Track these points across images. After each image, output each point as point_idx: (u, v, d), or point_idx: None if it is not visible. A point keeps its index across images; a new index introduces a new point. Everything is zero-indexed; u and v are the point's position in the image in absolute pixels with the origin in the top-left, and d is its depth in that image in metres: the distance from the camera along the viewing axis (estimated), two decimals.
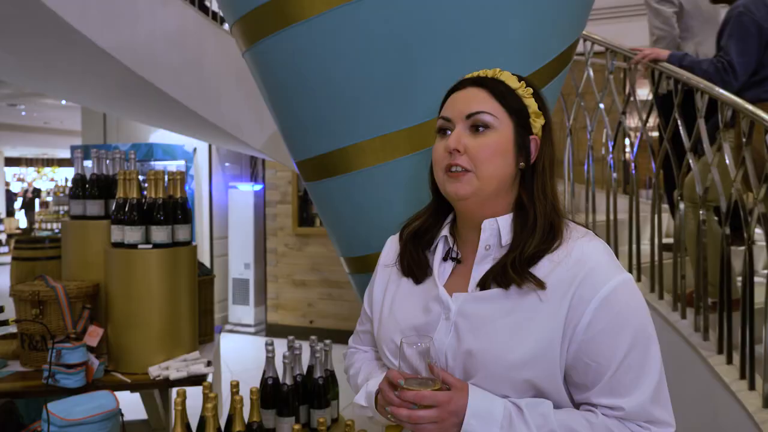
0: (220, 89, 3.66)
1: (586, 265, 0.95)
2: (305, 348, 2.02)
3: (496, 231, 1.02)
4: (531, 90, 1.03)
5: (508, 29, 1.34)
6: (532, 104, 1.02)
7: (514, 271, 0.96)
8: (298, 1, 1.31)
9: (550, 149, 1.02)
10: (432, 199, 1.11)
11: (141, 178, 2.16)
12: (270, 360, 1.93)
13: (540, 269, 0.96)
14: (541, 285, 0.94)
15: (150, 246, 2.05)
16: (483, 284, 1.00)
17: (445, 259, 1.08)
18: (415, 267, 1.09)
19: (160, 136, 6.40)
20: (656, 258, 2.66)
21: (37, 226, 12.74)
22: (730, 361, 2.27)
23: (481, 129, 0.99)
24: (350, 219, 1.56)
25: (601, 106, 2.95)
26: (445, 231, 1.09)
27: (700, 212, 2.45)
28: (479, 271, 1.02)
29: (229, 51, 3.10)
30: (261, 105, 1.72)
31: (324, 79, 1.39)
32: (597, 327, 0.93)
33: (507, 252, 1.00)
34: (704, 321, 2.40)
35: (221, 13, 1.68)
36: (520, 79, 1.04)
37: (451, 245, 1.08)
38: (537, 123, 1.02)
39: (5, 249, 11.98)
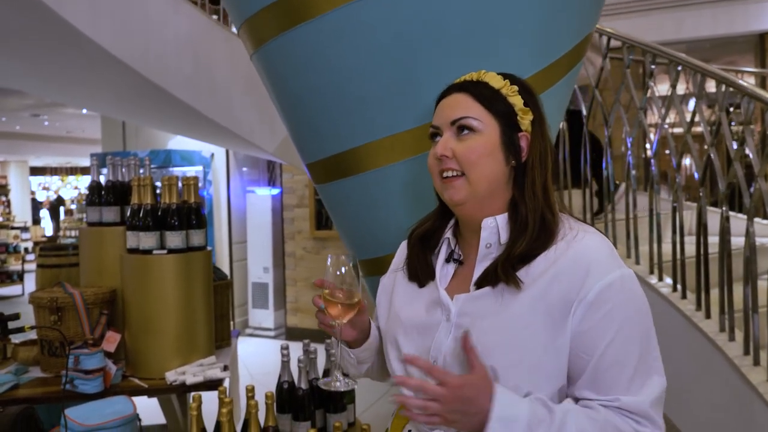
0: (231, 93, 3.68)
1: (584, 259, 0.95)
2: (321, 351, 2.00)
3: (496, 229, 1.02)
4: (516, 87, 1.03)
5: (516, 25, 1.32)
6: (517, 102, 1.02)
7: (502, 270, 0.97)
8: (303, 1, 1.30)
9: (540, 144, 1.02)
10: (438, 203, 1.13)
11: (157, 184, 2.17)
12: (285, 364, 1.92)
13: (535, 267, 0.97)
14: (517, 285, 0.95)
15: (165, 251, 2.06)
16: (479, 284, 1.01)
17: (447, 260, 1.09)
18: (419, 270, 1.10)
19: (178, 142, 6.46)
20: (678, 256, 2.59)
21: (61, 233, 12.96)
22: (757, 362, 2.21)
23: (466, 132, 1.00)
24: (362, 220, 1.55)
25: (619, 102, 2.90)
26: (448, 233, 1.10)
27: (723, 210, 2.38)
28: (480, 270, 1.02)
29: (240, 55, 3.11)
30: (272, 108, 1.71)
31: (331, 79, 1.38)
32: (593, 320, 0.93)
33: (502, 251, 1.00)
34: (730, 321, 2.34)
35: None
36: (505, 77, 1.04)
37: (453, 247, 1.09)
38: (525, 119, 1.02)
39: (32, 257, 12.20)
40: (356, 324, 1.12)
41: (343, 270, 1.06)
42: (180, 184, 2.16)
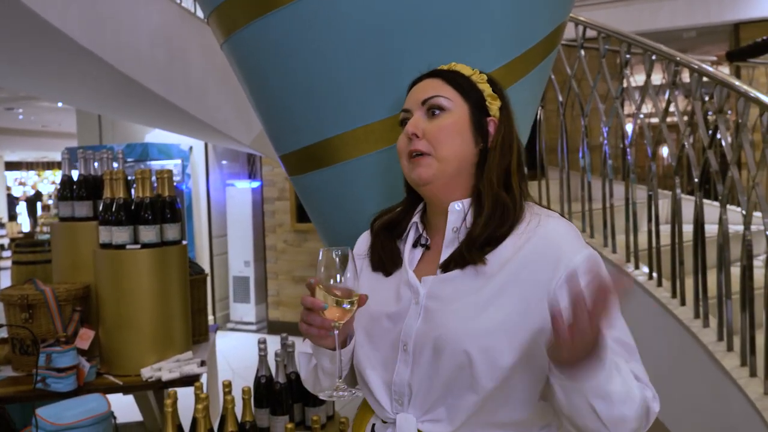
0: (206, 85, 3.62)
1: (552, 241, 0.97)
2: (299, 344, 1.99)
3: (462, 213, 1.03)
4: (485, 76, 1.06)
5: (491, 13, 1.31)
6: (486, 88, 1.05)
7: (466, 250, 0.98)
8: None
9: (506, 131, 1.04)
10: (405, 196, 1.13)
11: (131, 178, 2.14)
12: (263, 358, 1.91)
13: (503, 251, 0.98)
14: (482, 262, 0.96)
15: (138, 246, 2.03)
16: (445, 267, 1.01)
17: (414, 245, 1.08)
18: (385, 258, 1.09)
19: (156, 135, 6.37)
20: (654, 245, 2.62)
21: (38, 229, 12.76)
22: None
23: (436, 112, 1.02)
24: (336, 212, 1.53)
25: (595, 92, 2.91)
26: (415, 218, 1.10)
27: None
28: (447, 254, 1.02)
29: (214, 45, 3.08)
30: (247, 100, 1.69)
31: (303, 68, 1.36)
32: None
33: (466, 235, 1.01)
34: (704, 307, 2.37)
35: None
36: (473, 68, 1.07)
37: (421, 231, 1.09)
38: (494, 105, 1.04)
39: (8, 253, 11.99)
40: (349, 322, 1.05)
41: (338, 265, 0.95)
42: (154, 178, 2.13)
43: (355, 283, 0.96)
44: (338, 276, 0.95)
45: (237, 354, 5.46)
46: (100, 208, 2.10)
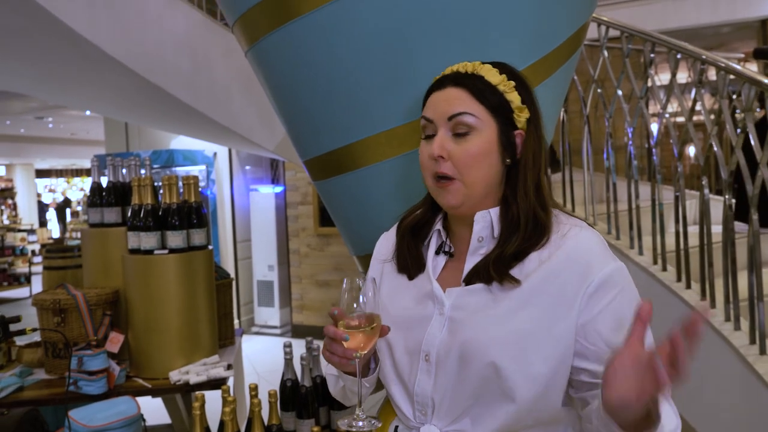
0: (230, 92, 3.67)
1: (582, 253, 0.95)
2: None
3: (489, 223, 1.01)
4: (513, 83, 1.00)
5: (513, 15, 1.30)
6: (515, 98, 0.99)
7: (494, 269, 0.95)
8: None
9: (534, 143, 1.00)
10: (427, 193, 1.10)
11: (158, 184, 2.18)
12: (288, 362, 1.92)
13: (528, 264, 0.96)
14: (517, 282, 0.94)
15: (166, 251, 2.06)
16: (468, 280, 0.99)
17: (437, 252, 1.07)
18: (410, 262, 1.07)
19: (180, 142, 6.47)
20: (681, 246, 2.58)
21: (68, 235, 13.03)
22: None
23: (463, 133, 0.97)
24: (360, 216, 1.54)
25: (619, 92, 2.88)
26: (438, 225, 1.08)
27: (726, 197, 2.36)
28: (471, 263, 1.01)
29: (238, 53, 3.13)
30: (271, 106, 1.71)
31: (324, 74, 1.37)
32: (591, 314, 0.92)
33: (494, 247, 0.99)
34: (735, 310, 2.32)
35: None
36: (501, 70, 1.00)
37: (444, 239, 1.07)
38: (521, 117, 1.00)
39: (39, 259, 12.26)
40: (370, 351, 1.03)
41: (359, 293, 0.95)
42: (180, 184, 2.16)
43: (375, 310, 0.95)
44: (359, 303, 0.95)
45: (262, 357, 5.50)
46: (129, 214, 2.14)
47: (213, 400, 1.81)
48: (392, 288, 1.08)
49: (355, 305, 0.95)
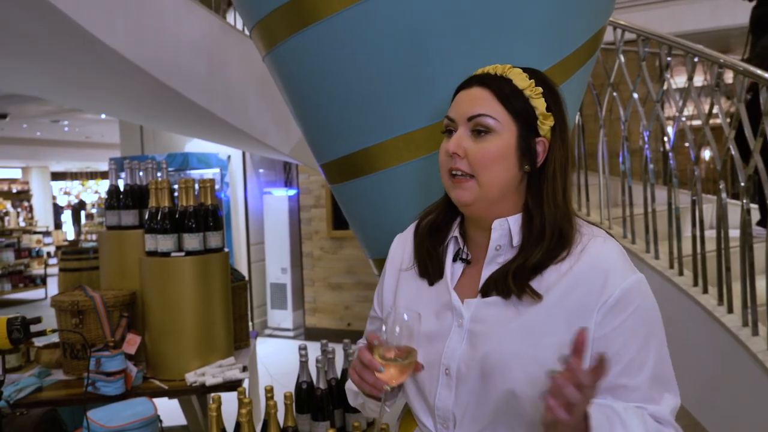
0: (246, 96, 3.70)
1: (602, 265, 0.94)
2: (339, 351, 2.01)
3: (507, 231, 0.99)
4: (540, 90, 0.98)
5: (527, 17, 1.30)
6: (540, 105, 0.97)
7: (514, 281, 0.94)
8: (314, 1, 1.30)
9: (561, 153, 0.99)
10: (444, 194, 1.08)
11: (175, 187, 2.19)
12: (303, 364, 1.93)
13: (549, 275, 0.95)
14: (538, 297, 0.93)
15: (183, 253, 2.08)
16: (485, 291, 0.98)
17: (454, 260, 1.05)
18: (430, 266, 1.06)
19: (195, 145, 6.51)
20: (698, 250, 2.55)
21: (83, 237, 13.16)
22: None
23: (482, 133, 0.96)
24: (376, 220, 1.54)
25: (635, 95, 2.86)
26: (455, 231, 1.07)
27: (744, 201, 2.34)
28: (488, 272, 1.00)
29: (254, 57, 3.15)
30: (287, 109, 1.72)
31: (342, 79, 1.38)
32: (609, 327, 0.91)
33: (513, 257, 0.98)
34: (753, 315, 2.30)
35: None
36: (531, 76, 0.99)
37: (461, 246, 1.06)
38: (545, 125, 0.98)
39: (54, 261, 12.40)
40: (400, 385, 1.03)
41: (401, 324, 0.93)
42: (197, 187, 2.18)
43: (413, 344, 0.94)
44: (400, 334, 0.94)
45: (275, 360, 5.52)
46: (146, 216, 2.16)
47: (228, 401, 1.82)
48: (411, 297, 1.07)
49: (396, 334, 0.93)
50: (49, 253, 11.52)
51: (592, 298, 0.92)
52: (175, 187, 2.17)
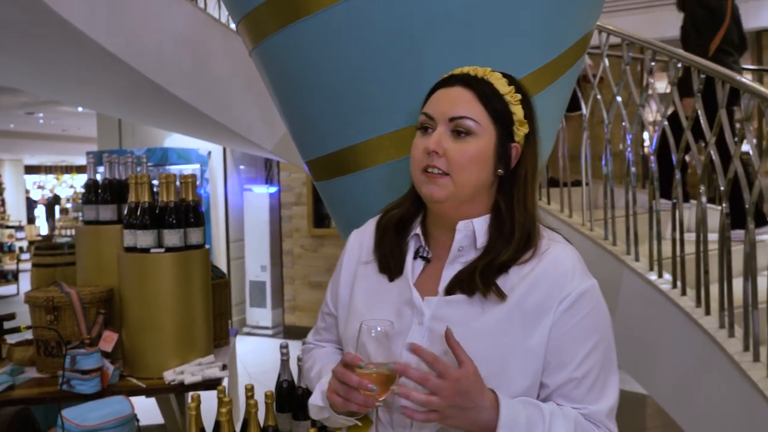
0: (230, 91, 3.65)
1: (559, 269, 0.97)
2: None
3: (471, 233, 1.01)
4: (519, 96, 1.00)
5: (519, 17, 1.30)
6: (518, 111, 1.00)
7: (481, 279, 0.96)
8: None
9: (532, 159, 1.02)
10: (410, 189, 1.08)
11: (154, 182, 2.16)
12: (285, 363, 1.91)
13: (510, 277, 0.97)
14: (502, 297, 0.95)
15: (162, 250, 2.04)
16: (449, 290, 0.99)
17: (414, 257, 1.06)
18: (392, 261, 1.06)
19: (175, 140, 6.44)
20: (678, 253, 2.59)
21: (57, 232, 12.93)
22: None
23: (462, 134, 0.97)
24: (362, 218, 1.53)
25: (618, 99, 2.89)
26: (416, 229, 1.07)
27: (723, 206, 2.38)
28: (450, 272, 1.01)
29: (238, 52, 3.11)
30: (271, 106, 1.70)
31: (331, 75, 1.36)
32: (563, 329, 0.95)
33: (479, 256, 0.99)
34: (730, 317, 2.33)
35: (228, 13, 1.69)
36: (510, 82, 1.01)
37: (422, 243, 1.06)
38: (521, 131, 1.01)
39: (27, 256, 12.16)
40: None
41: (379, 337, 0.91)
42: (178, 182, 2.14)
43: (389, 353, 0.92)
44: (380, 350, 0.91)
45: (253, 358, 5.47)
46: (125, 211, 2.12)
47: (206, 400, 1.79)
48: (369, 293, 1.06)
49: (376, 349, 0.91)
50: (21, 248, 11.30)
51: (549, 301, 0.95)
52: (155, 182, 2.13)
